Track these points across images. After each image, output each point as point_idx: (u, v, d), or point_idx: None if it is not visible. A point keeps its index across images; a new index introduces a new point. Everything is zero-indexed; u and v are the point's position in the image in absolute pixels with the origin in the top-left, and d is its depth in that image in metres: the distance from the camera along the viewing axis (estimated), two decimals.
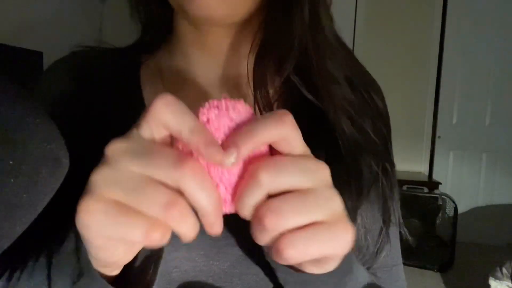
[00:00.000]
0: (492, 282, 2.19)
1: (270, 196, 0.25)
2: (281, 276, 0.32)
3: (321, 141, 0.39)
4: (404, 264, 0.46)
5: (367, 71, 0.49)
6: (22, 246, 0.33)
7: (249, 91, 0.43)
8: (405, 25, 3.24)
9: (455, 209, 2.81)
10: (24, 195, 0.22)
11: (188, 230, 0.24)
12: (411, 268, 2.69)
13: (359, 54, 0.48)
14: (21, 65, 1.80)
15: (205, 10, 0.36)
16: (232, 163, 0.23)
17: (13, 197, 0.21)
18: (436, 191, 2.93)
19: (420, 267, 2.73)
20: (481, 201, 3.31)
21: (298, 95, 0.42)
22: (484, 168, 3.31)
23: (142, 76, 0.46)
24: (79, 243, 0.28)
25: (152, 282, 0.30)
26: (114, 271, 0.30)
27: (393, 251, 0.44)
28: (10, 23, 1.91)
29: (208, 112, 0.25)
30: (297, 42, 0.40)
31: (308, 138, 0.27)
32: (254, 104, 0.39)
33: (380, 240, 0.42)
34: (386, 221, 0.42)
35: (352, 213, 0.39)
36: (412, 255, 2.63)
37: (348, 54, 0.46)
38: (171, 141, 0.26)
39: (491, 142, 3.27)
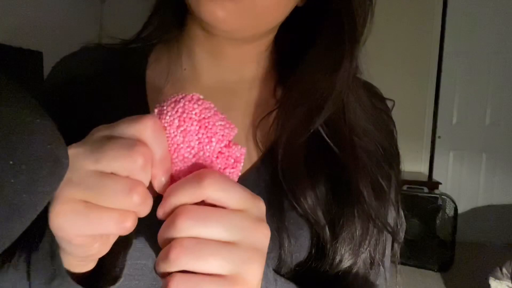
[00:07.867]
0: (492, 282, 2.19)
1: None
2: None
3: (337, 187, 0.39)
4: (404, 264, 0.46)
5: (376, 93, 0.48)
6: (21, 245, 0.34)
7: (248, 97, 0.44)
8: (405, 25, 3.23)
9: (455, 209, 2.81)
10: (24, 195, 0.22)
11: (148, 210, 0.26)
12: (411, 268, 2.69)
13: (359, 54, 0.47)
14: (21, 65, 1.80)
15: (212, 19, 0.36)
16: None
17: (13, 197, 0.21)
18: (436, 191, 2.93)
19: (420, 267, 2.73)
20: (481, 201, 3.31)
21: (317, 142, 0.41)
22: (484, 168, 3.31)
23: (148, 77, 0.46)
24: (53, 245, 0.29)
25: (122, 268, 0.31)
26: (89, 265, 0.31)
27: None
28: (10, 23, 1.91)
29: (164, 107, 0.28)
30: (336, 96, 0.40)
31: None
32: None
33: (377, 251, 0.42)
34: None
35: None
36: (412, 255, 2.63)
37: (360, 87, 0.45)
38: None
39: (491, 142, 3.27)
